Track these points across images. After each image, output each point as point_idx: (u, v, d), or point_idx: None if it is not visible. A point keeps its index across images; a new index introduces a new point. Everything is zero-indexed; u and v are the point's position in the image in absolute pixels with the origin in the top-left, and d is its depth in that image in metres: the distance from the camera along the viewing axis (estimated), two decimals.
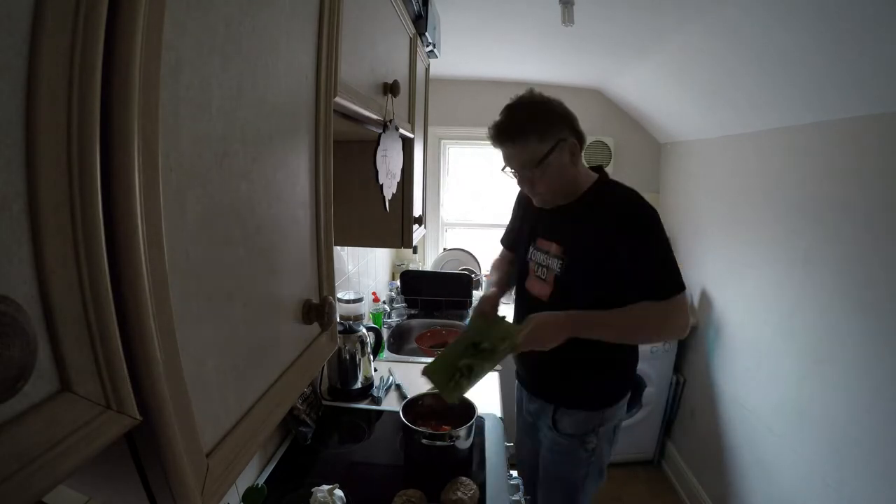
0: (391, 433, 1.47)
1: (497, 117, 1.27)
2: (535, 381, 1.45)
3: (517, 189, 1.43)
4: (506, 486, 1.26)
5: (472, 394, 1.49)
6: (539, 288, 1.37)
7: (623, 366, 1.38)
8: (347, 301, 1.83)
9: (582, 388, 1.34)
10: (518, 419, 1.64)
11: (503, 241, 1.65)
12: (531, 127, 1.21)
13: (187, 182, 0.36)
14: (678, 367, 2.58)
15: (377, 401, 1.65)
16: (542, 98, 1.26)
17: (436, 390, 1.26)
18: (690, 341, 2.50)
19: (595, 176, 1.32)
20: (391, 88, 1.02)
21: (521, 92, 1.30)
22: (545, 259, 1.35)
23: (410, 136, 1.38)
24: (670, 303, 1.19)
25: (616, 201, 1.25)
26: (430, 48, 1.57)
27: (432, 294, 2.53)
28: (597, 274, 1.24)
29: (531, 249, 1.41)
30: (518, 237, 1.51)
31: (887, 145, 1.34)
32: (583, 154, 2.86)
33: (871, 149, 1.41)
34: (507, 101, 1.28)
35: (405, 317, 2.47)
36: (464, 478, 1.20)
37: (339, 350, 1.61)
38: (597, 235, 1.23)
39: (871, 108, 1.38)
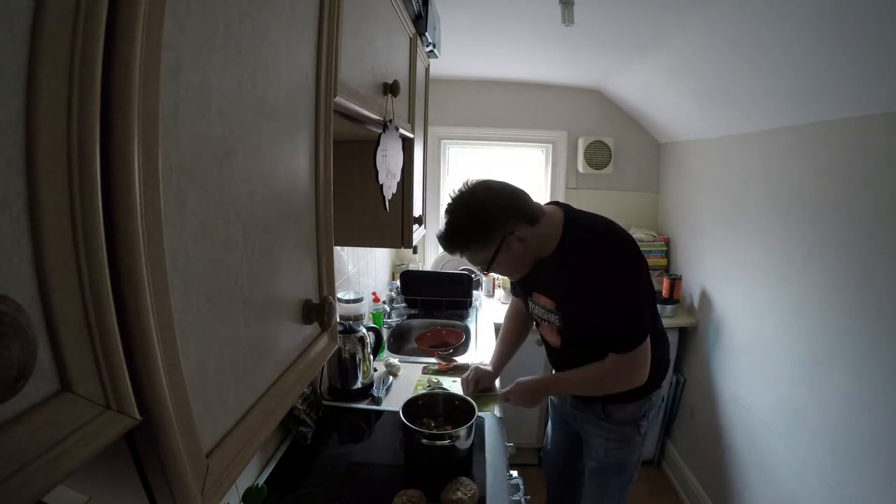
0: (391, 433, 1.47)
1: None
2: None
3: None
4: (506, 486, 1.26)
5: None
6: (551, 336, 1.42)
7: (660, 356, 1.39)
8: (347, 301, 1.83)
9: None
10: (552, 415, 1.73)
11: (513, 290, 1.67)
12: (471, 238, 1.21)
13: (187, 182, 0.36)
14: (678, 367, 2.58)
15: (377, 401, 1.65)
16: (478, 196, 1.21)
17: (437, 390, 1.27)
18: (690, 341, 2.50)
19: (561, 221, 1.26)
20: (391, 88, 1.02)
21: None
22: (545, 313, 1.38)
23: (410, 136, 1.38)
24: (629, 357, 1.23)
25: (582, 247, 1.23)
26: (430, 48, 1.56)
27: (432, 294, 2.53)
28: (593, 323, 1.27)
29: (531, 304, 1.43)
30: (520, 289, 1.51)
31: (888, 145, 1.34)
32: (582, 155, 2.82)
33: (871, 149, 1.41)
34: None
35: (405, 317, 2.47)
36: (464, 478, 1.20)
37: (339, 350, 1.61)
38: (576, 287, 1.25)
39: (872, 108, 1.38)
